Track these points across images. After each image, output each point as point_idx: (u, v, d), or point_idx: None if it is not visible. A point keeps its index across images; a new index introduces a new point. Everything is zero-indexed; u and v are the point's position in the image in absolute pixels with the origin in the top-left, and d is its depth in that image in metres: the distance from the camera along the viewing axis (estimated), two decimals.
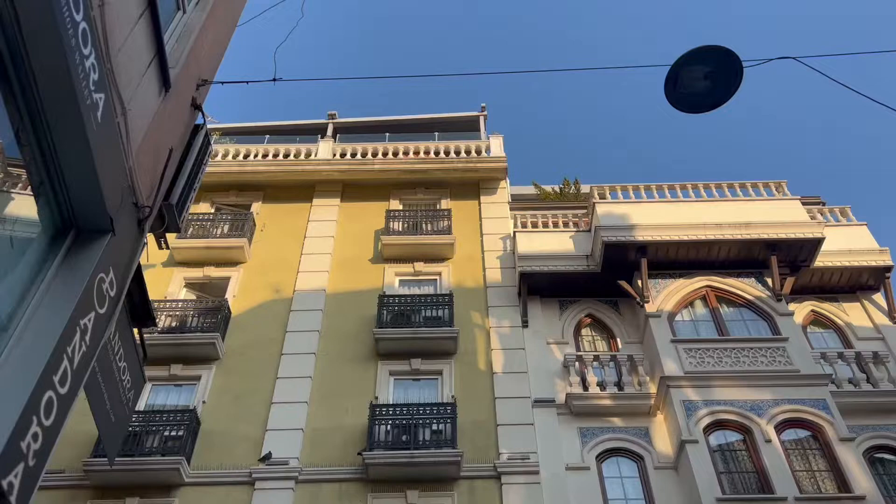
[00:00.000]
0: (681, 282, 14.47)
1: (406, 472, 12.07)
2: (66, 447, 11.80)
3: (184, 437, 12.22)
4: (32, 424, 4.47)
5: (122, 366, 6.40)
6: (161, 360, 13.48)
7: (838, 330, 14.67)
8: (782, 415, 12.15)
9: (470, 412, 13.13)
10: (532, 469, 12.27)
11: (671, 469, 12.17)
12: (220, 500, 11.88)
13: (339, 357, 14.26)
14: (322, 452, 12.61)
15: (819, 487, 11.44)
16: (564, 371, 13.75)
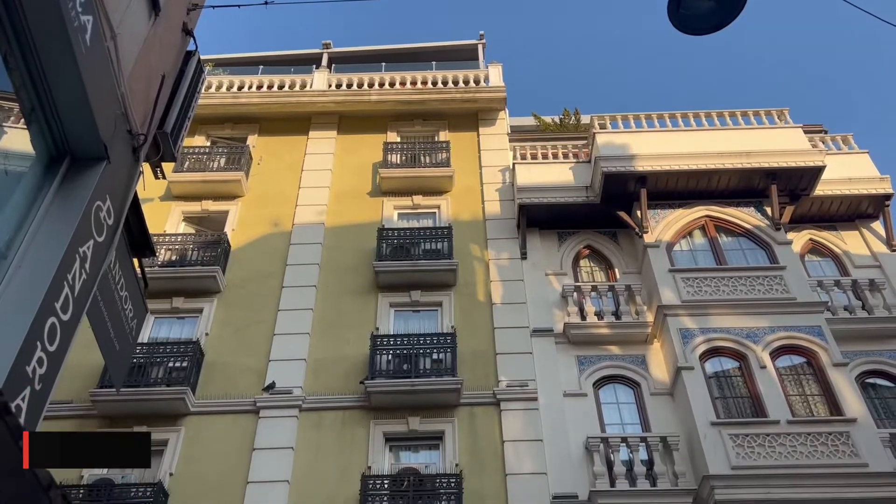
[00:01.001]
0: (680, 212, 14.45)
1: (407, 399, 12.33)
2: (73, 378, 12.04)
3: (188, 368, 12.43)
4: (37, 350, 4.52)
5: (123, 295, 6.43)
6: (162, 294, 13.59)
7: (836, 258, 14.76)
8: (778, 342, 12.34)
9: (469, 342, 13.32)
10: (530, 396, 12.53)
11: (667, 395, 12.43)
12: (226, 427, 12.16)
13: (339, 290, 14.37)
14: (325, 382, 12.85)
15: (811, 411, 11.72)
16: (563, 301, 13.89)
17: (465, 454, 11.89)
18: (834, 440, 10.98)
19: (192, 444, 11.94)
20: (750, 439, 11.06)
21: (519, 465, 11.72)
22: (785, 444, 10.98)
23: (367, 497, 10.96)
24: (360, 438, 12.12)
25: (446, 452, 12.01)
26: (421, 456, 12.32)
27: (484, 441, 12.07)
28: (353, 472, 11.55)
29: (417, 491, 11.00)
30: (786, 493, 10.44)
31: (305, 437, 12.09)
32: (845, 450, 10.85)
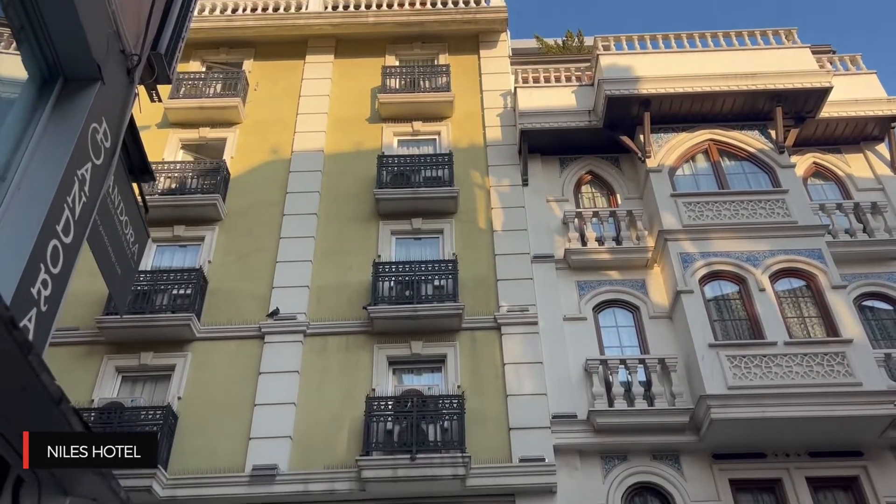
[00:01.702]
0: (683, 136, 14.29)
1: (410, 324, 12.49)
2: (79, 306, 12.19)
3: (192, 295, 12.56)
4: (40, 272, 4.55)
5: (123, 220, 6.43)
6: (163, 222, 13.60)
7: (839, 181, 14.69)
8: (777, 265, 12.41)
9: (470, 268, 13.40)
10: (531, 320, 12.69)
11: (666, 318, 12.59)
12: (232, 353, 12.38)
13: (340, 217, 14.36)
14: (328, 308, 13.00)
15: (809, 333, 11.88)
16: (563, 227, 13.89)
17: (466, 376, 12.13)
18: (829, 360, 11.18)
19: (199, 369, 12.17)
20: (747, 360, 11.26)
21: (519, 386, 11.98)
22: (781, 365, 11.19)
23: (372, 417, 11.24)
24: (363, 362, 12.35)
25: (448, 375, 12.25)
26: (424, 378, 12.57)
27: (485, 364, 12.30)
28: (357, 394, 11.81)
29: (421, 411, 11.27)
30: (780, 412, 10.69)
31: (310, 361, 12.32)
32: (840, 370, 11.06)
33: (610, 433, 11.27)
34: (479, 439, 11.29)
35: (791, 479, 10.99)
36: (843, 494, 11.08)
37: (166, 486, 10.73)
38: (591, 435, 11.35)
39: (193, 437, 11.37)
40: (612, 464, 11.30)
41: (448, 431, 11.12)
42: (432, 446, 10.90)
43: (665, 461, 11.28)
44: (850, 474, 11.09)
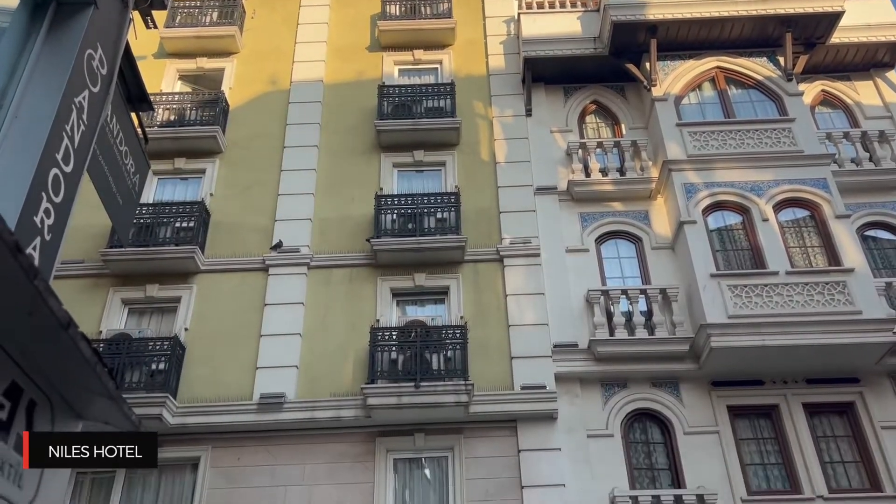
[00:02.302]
0: (690, 63, 13.99)
1: (413, 256, 12.54)
2: (83, 239, 12.23)
3: (195, 228, 12.57)
4: (43, 200, 4.54)
5: (123, 150, 6.38)
6: (163, 155, 13.51)
7: (847, 110, 14.46)
8: (781, 195, 12.34)
9: (473, 201, 13.35)
10: (533, 252, 12.72)
11: (668, 249, 12.61)
12: (237, 285, 12.47)
13: (341, 150, 14.23)
14: (331, 241, 13.02)
15: (811, 262, 11.92)
16: (567, 159, 13.77)
17: (469, 307, 12.25)
18: (830, 289, 11.25)
19: (205, 301, 12.29)
20: (748, 290, 11.34)
21: (521, 316, 12.10)
22: (782, 294, 11.26)
23: (377, 347, 11.40)
24: (367, 294, 12.45)
25: (451, 306, 12.37)
26: (427, 309, 12.68)
27: (487, 295, 12.40)
28: (362, 324, 11.95)
29: (424, 341, 11.42)
30: (780, 340, 10.82)
31: (315, 293, 12.42)
32: (841, 298, 11.14)
33: (610, 361, 11.45)
34: (481, 368, 11.49)
35: (788, 405, 11.23)
36: (838, 419, 11.33)
37: (176, 413, 10.99)
38: (591, 363, 11.53)
39: (201, 367, 11.58)
40: (611, 391, 11.52)
41: (451, 360, 11.30)
42: (436, 374, 11.10)
43: (664, 388, 11.49)
44: (846, 400, 11.31)
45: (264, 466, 10.93)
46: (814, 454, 10.85)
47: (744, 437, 11.20)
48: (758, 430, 11.29)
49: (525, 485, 10.67)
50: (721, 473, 10.70)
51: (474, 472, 10.86)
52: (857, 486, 10.76)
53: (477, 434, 11.18)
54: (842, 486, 10.77)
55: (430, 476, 11.13)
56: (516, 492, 10.67)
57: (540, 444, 11.00)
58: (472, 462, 10.95)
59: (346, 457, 11.00)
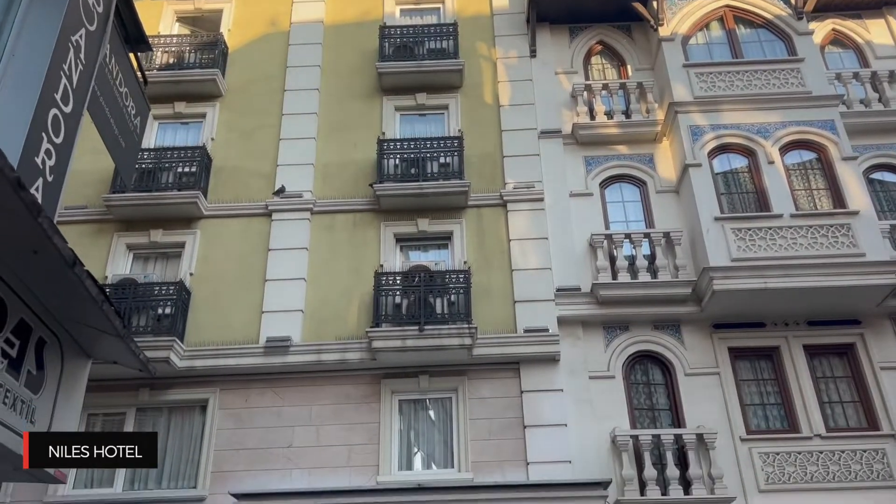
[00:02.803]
0: (698, 2, 13.66)
1: (416, 202, 12.50)
2: (86, 185, 12.23)
3: (197, 173, 12.52)
4: (43, 141, 4.51)
5: (123, 91, 6.30)
6: (163, 99, 13.35)
7: (857, 49, 14.16)
8: (788, 137, 12.21)
9: (476, 145, 13.23)
10: (537, 197, 12.66)
11: (673, 192, 12.55)
12: (241, 230, 12.48)
13: (342, 93, 14.04)
14: (334, 186, 12.96)
15: (816, 205, 11.86)
16: (572, 101, 13.58)
17: (472, 252, 12.27)
18: (834, 232, 11.23)
19: (209, 246, 12.32)
20: (752, 233, 11.32)
21: (524, 261, 12.13)
22: (786, 237, 11.25)
23: (381, 292, 11.47)
24: (371, 239, 12.45)
25: (455, 251, 12.39)
26: (430, 255, 12.71)
27: (491, 240, 12.40)
28: (366, 269, 12.00)
29: (428, 286, 11.48)
30: (782, 283, 10.86)
31: (318, 239, 12.44)
32: (845, 241, 11.13)
33: (612, 305, 11.52)
34: (485, 312, 11.58)
35: (788, 347, 11.34)
36: (838, 360, 11.45)
37: (184, 357, 11.14)
38: (594, 307, 11.60)
39: (207, 311, 11.69)
40: (613, 334, 11.62)
41: (455, 304, 11.37)
42: (440, 318, 11.18)
43: (666, 331, 11.59)
44: (847, 342, 11.41)
45: (272, 408, 11.13)
46: (813, 395, 11.01)
47: (744, 379, 11.35)
48: (758, 372, 11.43)
49: (527, 424, 10.87)
50: (721, 413, 10.88)
51: (478, 412, 11.05)
52: (854, 426, 10.95)
53: (480, 376, 11.34)
54: (839, 425, 10.96)
55: (434, 416, 11.34)
56: (519, 431, 10.87)
57: (542, 385, 11.16)
58: (475, 403, 11.13)
59: (351, 398, 11.20)
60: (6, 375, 3.50)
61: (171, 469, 10.94)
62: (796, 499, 10.19)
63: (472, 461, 10.66)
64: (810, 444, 10.61)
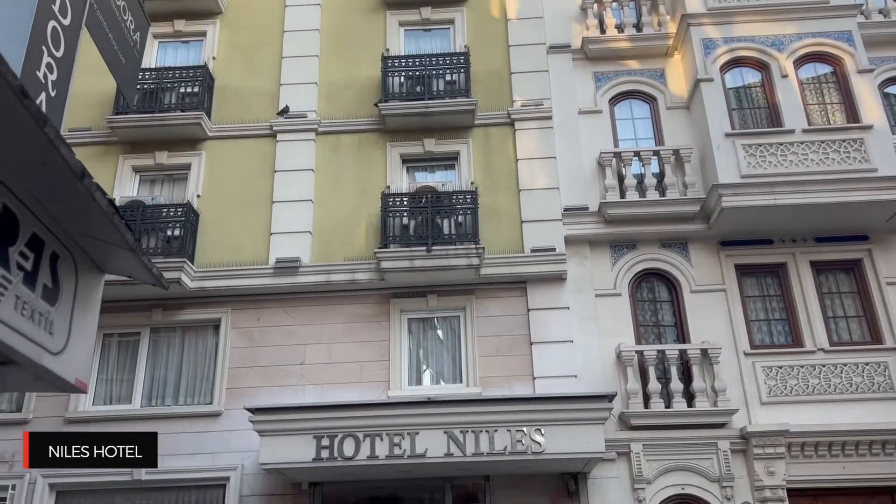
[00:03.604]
0: None
1: (422, 121, 12.33)
2: (89, 107, 12.12)
3: (200, 93, 12.35)
4: (44, 55, 4.42)
5: (121, 5, 6.13)
6: (162, 16, 13.04)
7: None
8: (803, 49, 11.87)
9: (483, 61, 12.94)
10: (545, 114, 12.46)
11: (683, 108, 12.34)
12: (246, 151, 12.40)
13: (344, 7, 13.64)
14: (338, 105, 12.78)
15: (829, 120, 11.66)
16: (582, 14, 13.20)
17: (479, 172, 12.19)
18: (847, 147, 11.07)
19: (215, 167, 12.28)
20: (763, 149, 11.17)
21: (532, 181, 12.05)
22: (797, 153, 11.10)
23: (388, 213, 11.48)
24: (377, 160, 12.36)
25: (462, 171, 12.30)
26: (437, 175, 12.64)
27: (498, 160, 12.29)
28: (372, 190, 11.97)
29: (435, 206, 11.46)
30: (792, 199, 10.78)
31: (324, 159, 12.35)
32: (857, 156, 10.98)
33: (620, 223, 11.51)
34: (492, 232, 11.60)
35: (795, 263, 11.37)
36: (844, 276, 11.50)
37: (195, 278, 11.28)
38: (601, 226, 11.60)
39: (216, 232, 11.75)
40: (620, 252, 11.66)
41: (462, 225, 11.38)
42: (447, 239, 11.22)
43: (673, 249, 11.62)
44: (854, 257, 11.43)
45: (283, 327, 11.33)
46: (818, 310, 11.11)
47: (750, 295, 11.44)
48: (764, 288, 11.50)
49: (534, 341, 11.05)
50: (725, 329, 11.02)
51: (485, 329, 11.23)
52: (858, 340, 11.10)
53: (488, 294, 11.46)
54: (843, 339, 11.10)
55: (442, 334, 11.54)
56: (526, 348, 11.07)
57: (549, 303, 11.28)
58: (483, 321, 11.30)
59: (361, 317, 11.37)
60: (22, 288, 3.54)
61: (187, 386, 11.25)
62: (797, 410, 10.43)
63: (480, 377, 10.90)
64: (813, 357, 10.78)
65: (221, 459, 10.50)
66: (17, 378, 3.91)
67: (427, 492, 10.53)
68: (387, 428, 9.37)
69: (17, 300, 3.50)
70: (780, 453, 10.05)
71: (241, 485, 10.35)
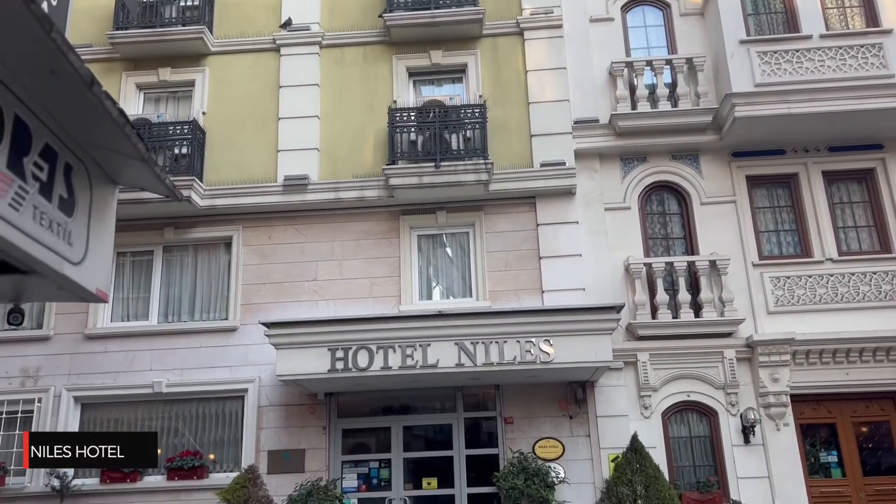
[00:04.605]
0: None
1: (428, 32, 12.02)
2: (88, 22, 11.96)
3: (201, 6, 12.05)
4: None
5: None
6: None
7: None
8: None
9: None
10: (555, 23, 12.11)
11: (698, 15, 11.98)
12: (249, 66, 12.18)
13: None
14: (342, 17, 12.45)
15: (848, 24, 11.31)
16: None
17: (488, 85, 11.96)
18: (865, 53, 10.78)
19: (219, 84, 12.09)
20: (778, 56, 10.89)
21: (541, 93, 11.84)
22: (813, 59, 10.83)
23: (395, 129, 11.35)
24: (383, 74, 12.14)
25: (469, 84, 12.08)
26: (444, 89, 12.41)
27: (507, 72, 12.04)
28: (379, 105, 11.81)
29: (443, 121, 11.31)
30: (806, 108, 10.58)
31: (329, 74, 12.14)
32: (875, 62, 10.70)
33: (631, 136, 11.37)
34: (501, 147, 11.49)
35: (807, 173, 11.29)
36: (856, 186, 11.43)
37: (204, 196, 11.31)
38: (612, 138, 11.47)
39: (223, 150, 11.69)
40: (631, 165, 11.58)
41: (471, 140, 11.27)
42: (455, 154, 11.13)
43: (684, 161, 11.52)
44: (867, 167, 11.32)
45: (294, 244, 11.43)
46: (828, 220, 11.10)
47: (760, 206, 11.41)
48: (774, 199, 11.46)
49: (543, 256, 11.12)
50: (735, 241, 11.05)
51: (494, 245, 11.30)
52: (867, 249, 11.12)
53: (497, 210, 11.46)
54: (852, 249, 11.13)
55: (452, 250, 11.62)
56: (534, 262, 11.15)
57: (558, 217, 11.29)
58: (492, 236, 11.35)
59: (371, 234, 11.44)
60: (39, 198, 3.57)
61: (202, 302, 11.47)
62: (803, 319, 10.57)
63: (490, 291, 11.04)
64: (822, 267, 10.85)
65: (239, 372, 10.81)
66: (39, 288, 4.01)
67: (439, 401, 10.86)
68: (399, 340, 9.57)
69: (35, 210, 3.54)
70: (785, 361, 10.26)
71: (259, 396, 10.69)
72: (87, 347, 11.04)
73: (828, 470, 10.46)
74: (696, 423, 10.53)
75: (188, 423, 10.89)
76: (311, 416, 10.58)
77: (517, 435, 10.37)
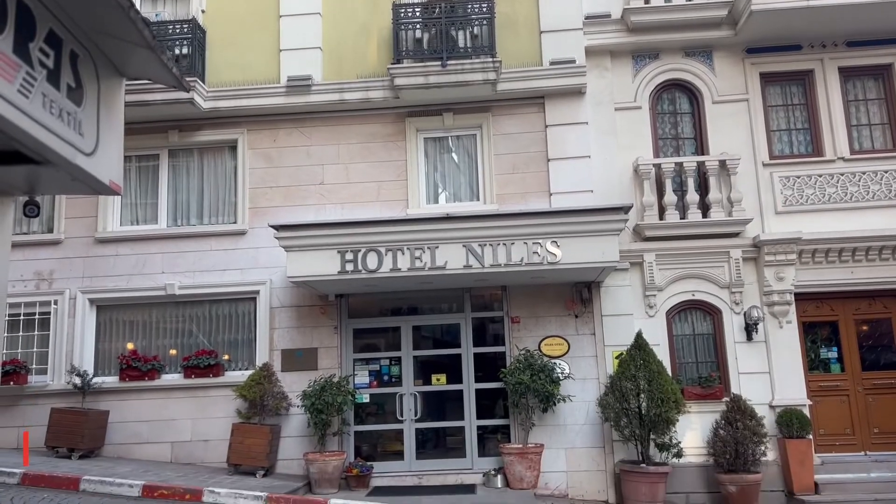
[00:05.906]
0: None
1: None
2: None
3: None
4: None
5: None
6: None
7: None
8: None
9: None
10: None
11: None
12: None
13: None
14: None
15: None
16: None
17: None
18: None
19: None
20: None
21: None
22: None
23: (400, 25, 11.02)
24: None
25: None
26: None
27: None
28: (382, 1, 11.44)
29: (449, 17, 10.97)
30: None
31: None
32: None
33: (643, 31, 11.05)
34: (509, 44, 11.19)
35: (823, 69, 11.02)
36: (872, 83, 11.17)
37: (207, 98, 11.13)
38: (623, 34, 11.14)
39: (224, 50, 11.41)
40: (642, 63, 11.30)
41: (478, 37, 10.96)
42: (462, 52, 10.85)
43: (697, 57, 11.23)
44: (885, 62, 11.03)
45: (300, 147, 11.33)
46: (842, 118, 10.91)
47: (773, 105, 11.21)
48: (788, 97, 11.24)
49: (551, 158, 11.03)
50: (745, 140, 10.92)
51: (502, 147, 11.18)
52: (880, 147, 10.99)
53: (505, 111, 11.28)
54: (865, 147, 11.00)
55: (459, 153, 11.51)
56: (543, 164, 11.07)
57: (567, 118, 11.12)
58: (499, 138, 11.21)
59: (377, 136, 11.31)
60: (47, 85, 3.51)
61: (209, 206, 11.49)
62: (811, 219, 10.58)
63: (497, 194, 11.01)
64: (832, 166, 10.75)
65: (251, 275, 10.95)
66: (53, 179, 4.00)
67: (447, 302, 11.04)
68: (408, 242, 9.63)
69: (44, 98, 3.49)
70: (791, 260, 10.33)
71: (270, 297, 10.87)
72: (98, 251, 11.16)
73: (827, 365, 10.73)
74: (700, 321, 10.71)
75: (202, 324, 11.13)
76: (323, 316, 10.79)
77: (523, 334, 10.60)
